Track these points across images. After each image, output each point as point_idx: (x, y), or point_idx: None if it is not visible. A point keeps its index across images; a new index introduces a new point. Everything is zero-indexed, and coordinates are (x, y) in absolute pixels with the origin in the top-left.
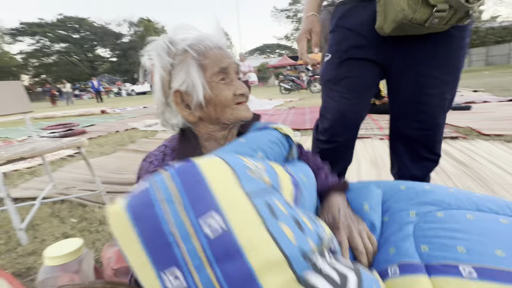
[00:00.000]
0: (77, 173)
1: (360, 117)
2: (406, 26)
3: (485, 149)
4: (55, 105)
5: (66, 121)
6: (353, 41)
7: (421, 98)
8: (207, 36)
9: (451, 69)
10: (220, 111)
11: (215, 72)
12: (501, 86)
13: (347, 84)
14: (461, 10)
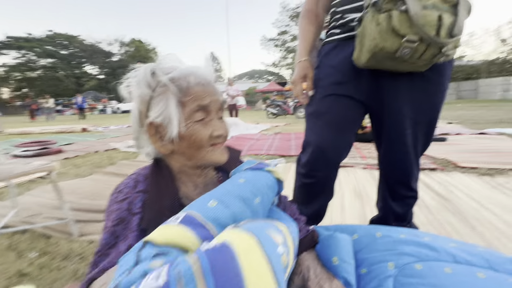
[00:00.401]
0: (46, 197)
1: (340, 155)
2: (380, 57)
3: (462, 181)
4: (34, 120)
5: (42, 138)
6: (335, 77)
7: (400, 138)
8: (192, 71)
9: (428, 111)
10: (194, 151)
11: (194, 110)
12: (472, 119)
13: (328, 119)
14: (434, 45)
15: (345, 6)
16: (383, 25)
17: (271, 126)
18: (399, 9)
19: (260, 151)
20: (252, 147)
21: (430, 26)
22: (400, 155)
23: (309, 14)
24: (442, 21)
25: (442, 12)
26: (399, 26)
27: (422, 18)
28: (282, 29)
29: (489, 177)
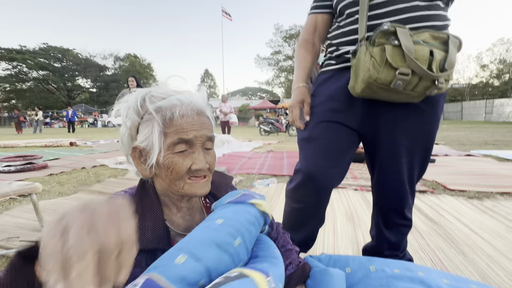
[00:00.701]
0: (26, 218)
1: (331, 182)
2: (374, 87)
3: (451, 205)
4: (21, 133)
5: (27, 153)
6: (330, 105)
7: (394, 166)
8: (181, 101)
9: (420, 140)
10: (171, 181)
11: (175, 142)
12: (458, 140)
13: (320, 145)
14: (426, 78)
15: (340, 39)
16: (377, 57)
17: (263, 144)
18: (392, 43)
19: (252, 170)
20: (244, 166)
21: (422, 60)
22: (394, 184)
23: (306, 43)
24: (434, 56)
25: (433, 47)
26: (392, 59)
27: (414, 53)
28: (276, 49)
29: (477, 201)
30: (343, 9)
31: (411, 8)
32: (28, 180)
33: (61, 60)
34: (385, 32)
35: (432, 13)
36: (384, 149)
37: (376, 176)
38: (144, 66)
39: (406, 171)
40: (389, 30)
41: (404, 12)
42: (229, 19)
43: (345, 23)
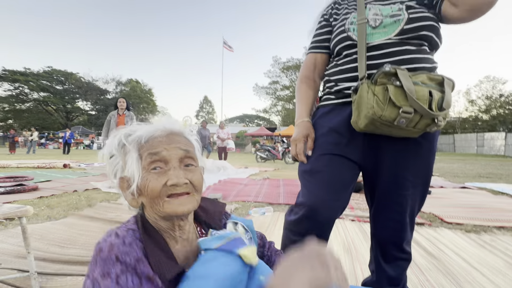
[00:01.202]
0: (10, 243)
1: (334, 216)
2: (378, 123)
3: (450, 238)
4: (14, 153)
5: (19, 174)
6: (331, 138)
7: (396, 199)
8: (155, 126)
9: (421, 173)
10: (150, 202)
11: (149, 161)
12: (452, 172)
13: (323, 178)
14: (427, 116)
15: (338, 76)
16: (380, 96)
17: (259, 171)
18: (394, 84)
19: (248, 198)
20: (240, 193)
21: (423, 100)
22: (394, 216)
23: (307, 80)
24: (433, 96)
25: (431, 88)
26: (395, 98)
27: (415, 93)
28: (274, 79)
29: (475, 235)
30: (341, 50)
31: (403, 51)
32: (17, 202)
33: (63, 83)
34: (386, 73)
35: (422, 56)
36: (385, 181)
37: (376, 208)
38: (145, 91)
39: (407, 204)
40: (390, 71)
41: (397, 55)
42: (230, 51)
43: (342, 62)
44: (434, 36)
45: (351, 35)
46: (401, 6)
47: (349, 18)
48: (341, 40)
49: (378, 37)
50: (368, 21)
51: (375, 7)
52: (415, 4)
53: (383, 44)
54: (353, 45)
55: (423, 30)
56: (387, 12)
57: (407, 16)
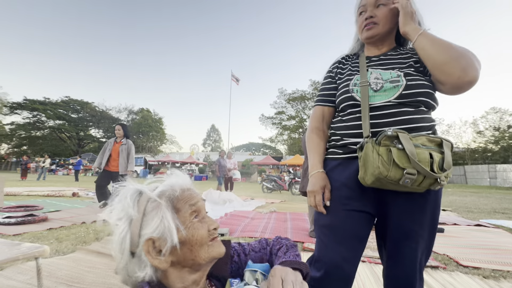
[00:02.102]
0: (19, 280)
1: (354, 269)
2: (384, 181)
3: (467, 285)
4: (25, 179)
5: (29, 203)
6: (344, 192)
7: (405, 251)
8: (175, 181)
9: (426, 225)
10: (196, 250)
11: (188, 212)
12: (465, 206)
13: (342, 234)
14: (430, 177)
15: (343, 131)
16: (384, 156)
17: (266, 203)
18: (397, 147)
19: (255, 233)
20: (247, 228)
21: (424, 163)
22: (406, 270)
23: (317, 131)
24: (433, 158)
25: (431, 150)
26: (398, 160)
27: (417, 155)
28: (280, 110)
29: (494, 281)
30: (345, 108)
31: (402, 112)
32: (27, 234)
33: (79, 112)
34: (389, 136)
35: (420, 116)
36: (394, 233)
37: (387, 262)
38: (156, 120)
39: (417, 256)
40: (392, 134)
41: (397, 116)
42: (236, 83)
43: (347, 119)
44: (430, 101)
45: (355, 95)
46: (400, 73)
47: (353, 80)
48: (345, 99)
49: (379, 99)
50: (370, 84)
51: (376, 71)
52: (412, 71)
53: (384, 106)
54: (356, 104)
55: (419, 96)
56: (387, 77)
57: (405, 83)
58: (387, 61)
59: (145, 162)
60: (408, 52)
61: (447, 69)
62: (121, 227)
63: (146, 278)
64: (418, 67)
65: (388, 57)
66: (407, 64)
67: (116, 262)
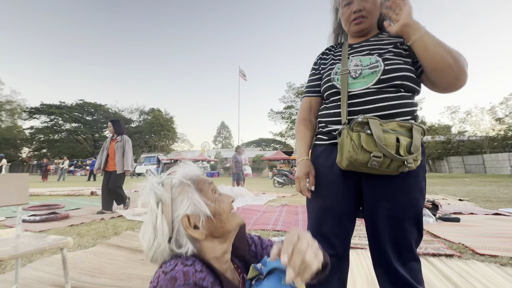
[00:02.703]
0: (46, 272)
1: (345, 248)
2: (356, 164)
3: (483, 272)
4: (46, 180)
5: (51, 202)
6: (329, 176)
7: (385, 230)
8: (190, 169)
9: (410, 208)
10: (225, 219)
11: (209, 190)
12: (484, 196)
13: (330, 214)
14: (396, 160)
15: (327, 118)
16: (356, 141)
17: (277, 197)
18: (366, 132)
19: (267, 226)
20: (259, 221)
21: (390, 146)
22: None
23: (304, 121)
24: (400, 142)
25: (399, 135)
26: (366, 145)
27: (384, 140)
28: (289, 104)
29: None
30: (328, 96)
31: (381, 99)
32: (52, 231)
33: (93, 114)
34: (360, 122)
35: (399, 102)
36: (378, 213)
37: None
38: (167, 119)
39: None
40: (363, 121)
41: (376, 102)
42: (244, 79)
43: (330, 106)
44: (410, 84)
45: (335, 84)
46: (378, 58)
47: (334, 69)
48: (327, 88)
49: (359, 86)
50: (350, 72)
51: (356, 58)
52: (391, 56)
53: (363, 93)
54: (337, 92)
55: (398, 80)
56: (366, 63)
57: (383, 68)
58: (367, 46)
59: (158, 161)
60: (388, 36)
61: (449, 73)
62: (154, 215)
63: (189, 252)
64: (398, 52)
65: (369, 43)
66: (386, 48)
67: (150, 251)
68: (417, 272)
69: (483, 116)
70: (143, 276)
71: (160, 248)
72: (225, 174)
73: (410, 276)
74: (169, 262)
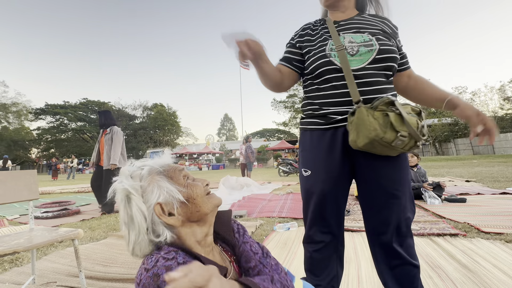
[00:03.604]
0: (61, 263)
1: (340, 205)
2: (376, 143)
3: (487, 249)
4: (56, 179)
5: (62, 199)
6: (327, 161)
7: (388, 207)
8: (157, 160)
9: (405, 182)
10: (199, 202)
11: (180, 176)
12: (492, 176)
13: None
14: (417, 139)
15: (322, 100)
16: (380, 120)
17: (283, 185)
18: (395, 112)
19: (272, 213)
20: (264, 209)
21: (415, 126)
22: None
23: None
24: (419, 124)
25: (415, 117)
26: (395, 123)
27: (410, 120)
28: (291, 93)
29: None
30: (323, 74)
31: (378, 82)
32: (64, 225)
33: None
34: (387, 102)
35: (388, 86)
36: (374, 191)
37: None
38: (170, 113)
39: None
40: (391, 99)
41: (373, 85)
42: (247, 69)
43: (326, 87)
44: (396, 66)
45: (333, 60)
46: (371, 37)
47: (328, 45)
48: (323, 64)
49: (355, 64)
50: (346, 48)
51: (348, 35)
52: (382, 37)
53: (361, 73)
54: (337, 69)
55: (390, 61)
56: (360, 40)
57: (378, 47)
58: (356, 24)
59: None
60: (375, 18)
61: None
62: (125, 209)
63: (168, 240)
64: (386, 34)
65: (356, 21)
66: (377, 28)
67: (129, 245)
68: (412, 249)
69: (492, 95)
70: None
71: (138, 240)
72: (231, 166)
73: (406, 253)
74: (150, 257)
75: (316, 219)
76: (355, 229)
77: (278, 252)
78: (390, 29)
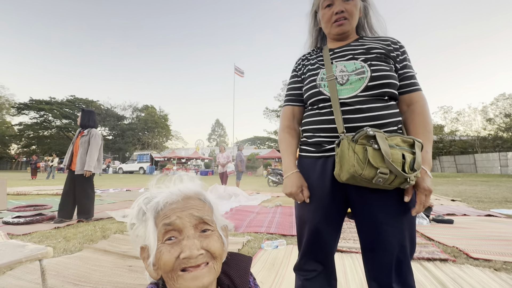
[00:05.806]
0: (27, 280)
1: (334, 239)
2: (358, 179)
3: (477, 278)
4: (35, 178)
5: (38, 201)
6: (318, 191)
7: (381, 240)
8: (171, 192)
9: (402, 217)
10: (165, 277)
11: (162, 231)
12: (475, 196)
13: (313, 206)
14: (400, 177)
15: (314, 126)
16: (360, 155)
17: (272, 197)
18: (373, 146)
19: (261, 228)
20: (252, 223)
21: (397, 163)
22: (385, 260)
23: (289, 129)
24: (405, 158)
25: (403, 151)
26: (373, 160)
27: (391, 156)
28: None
29: (506, 274)
30: (314, 103)
31: (370, 108)
32: (36, 233)
33: None
34: (366, 135)
35: (387, 112)
36: (371, 226)
37: (367, 255)
38: (161, 116)
39: (394, 248)
40: (370, 134)
41: (366, 112)
42: (241, 76)
43: (316, 114)
44: (394, 91)
45: (323, 90)
46: (364, 64)
47: (319, 74)
48: (313, 95)
49: (346, 93)
50: (336, 78)
51: (341, 63)
52: (377, 62)
53: (352, 101)
54: (325, 99)
55: (385, 88)
56: (352, 68)
57: (370, 74)
58: (350, 51)
59: (151, 159)
60: (371, 41)
61: None
62: (133, 232)
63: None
64: (382, 58)
65: (352, 47)
66: (373, 52)
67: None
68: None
69: (475, 116)
70: (129, 284)
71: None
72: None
73: None
74: None
75: (308, 249)
76: (344, 249)
77: (265, 274)
78: (390, 51)
